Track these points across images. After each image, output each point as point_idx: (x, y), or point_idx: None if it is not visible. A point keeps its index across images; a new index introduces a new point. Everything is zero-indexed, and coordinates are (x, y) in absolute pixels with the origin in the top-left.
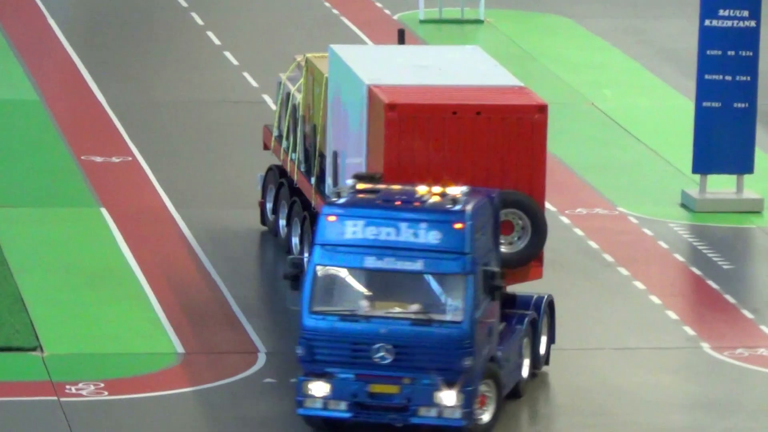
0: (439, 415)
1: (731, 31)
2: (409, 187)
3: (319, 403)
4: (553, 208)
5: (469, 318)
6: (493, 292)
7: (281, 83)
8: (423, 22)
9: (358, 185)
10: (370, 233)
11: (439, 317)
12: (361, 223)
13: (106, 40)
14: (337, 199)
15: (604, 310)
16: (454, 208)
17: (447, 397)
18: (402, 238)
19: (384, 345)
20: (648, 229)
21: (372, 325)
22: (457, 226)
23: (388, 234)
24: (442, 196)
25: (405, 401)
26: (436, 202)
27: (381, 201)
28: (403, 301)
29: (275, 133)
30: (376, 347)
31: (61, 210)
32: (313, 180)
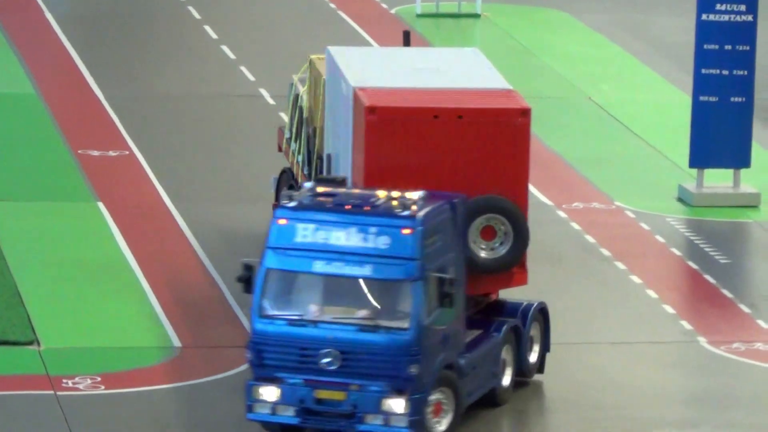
0: (385, 423)
1: (728, 25)
2: (367, 192)
3: (268, 408)
4: (550, 203)
5: (416, 325)
6: (444, 299)
7: (293, 84)
8: (420, 16)
9: (318, 188)
10: (320, 237)
11: (385, 323)
12: (311, 227)
13: (104, 35)
14: (288, 203)
15: (601, 304)
16: (403, 213)
17: (394, 404)
18: (351, 242)
19: (331, 351)
20: (645, 224)
21: (319, 330)
22: (406, 231)
23: (338, 238)
24: (397, 201)
25: (351, 408)
26: (387, 207)
27: (332, 205)
28: (352, 306)
29: (286, 134)
30: (322, 353)
31: (58, 204)
32: None
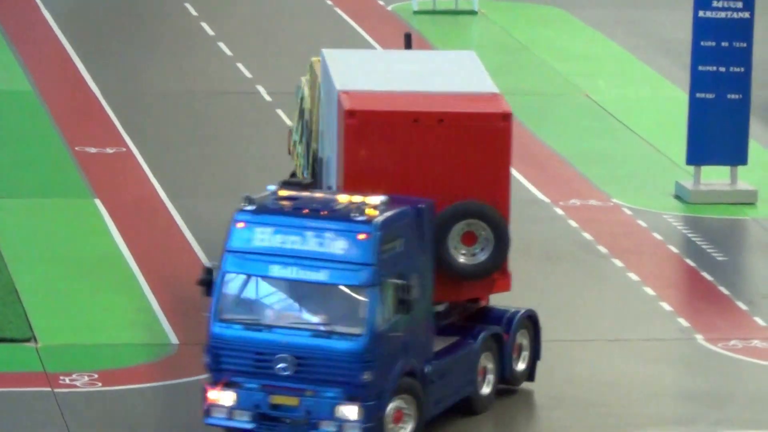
0: (339, 430)
1: (725, 22)
2: (330, 196)
3: (224, 413)
4: (547, 200)
5: (370, 331)
6: (401, 305)
7: (300, 86)
8: (417, 12)
9: (280, 192)
10: (277, 241)
11: (339, 329)
12: (269, 231)
13: (100, 31)
14: (247, 206)
15: (598, 301)
16: (359, 218)
17: (347, 411)
18: (307, 247)
19: (285, 356)
20: (642, 221)
21: (275, 335)
22: (362, 236)
23: (294, 243)
24: (357, 206)
25: (305, 414)
26: (345, 211)
27: (291, 209)
28: (308, 311)
29: (294, 137)
30: (277, 358)
31: (55, 201)
32: None
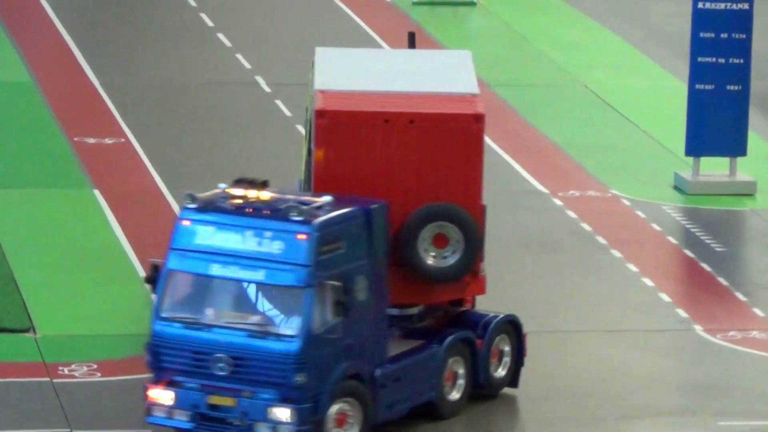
0: None
1: (725, 13)
2: (278, 196)
3: (164, 412)
4: (545, 191)
5: (305, 333)
6: (338, 307)
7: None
8: (416, 4)
9: (229, 190)
10: (218, 240)
11: (275, 330)
12: (211, 229)
13: (100, 22)
14: (191, 204)
15: (596, 292)
16: (298, 218)
17: (281, 413)
18: (247, 246)
19: (222, 356)
20: (641, 212)
21: (212, 334)
22: (300, 237)
23: (235, 242)
24: (301, 206)
25: (241, 415)
26: (286, 211)
27: (234, 207)
28: (247, 311)
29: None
30: (214, 357)
31: (54, 191)
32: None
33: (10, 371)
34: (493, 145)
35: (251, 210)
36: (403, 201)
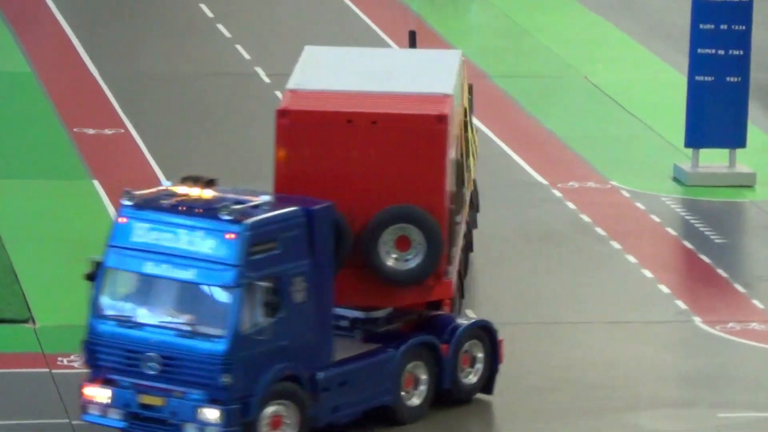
0: None
1: (724, 5)
2: (219, 195)
3: (99, 410)
4: (545, 182)
5: (233, 333)
6: (266, 308)
7: None
8: None
9: (173, 188)
10: (152, 238)
11: (203, 330)
12: (146, 227)
13: (99, 12)
14: (128, 201)
15: (596, 283)
16: (229, 217)
17: (208, 414)
18: (179, 245)
19: (152, 355)
20: (640, 203)
21: (143, 332)
22: (229, 236)
23: (167, 240)
24: (236, 205)
25: (171, 415)
26: (219, 210)
27: (169, 206)
28: (178, 310)
29: None
30: (145, 356)
31: (53, 182)
32: None
33: (9, 362)
34: (493, 137)
35: (185, 208)
36: (365, 202)
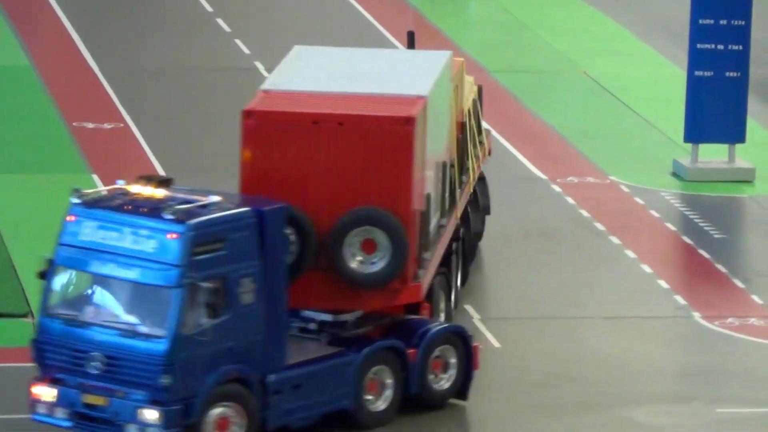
0: None
1: (724, 0)
2: (169, 193)
3: (46, 409)
4: (544, 177)
5: (173, 334)
6: (207, 309)
7: None
8: None
9: (126, 186)
10: (99, 237)
11: (144, 330)
12: (93, 226)
13: (99, 6)
14: (77, 200)
15: (595, 278)
16: (172, 217)
17: (148, 414)
18: (124, 244)
19: (96, 354)
20: (640, 198)
21: (87, 332)
22: (171, 236)
23: (113, 239)
24: (183, 205)
25: (113, 415)
26: (163, 210)
27: (116, 205)
28: (123, 309)
29: None
30: (89, 356)
31: (52, 176)
32: None
33: (7, 356)
34: (492, 131)
35: (131, 208)
36: (332, 204)
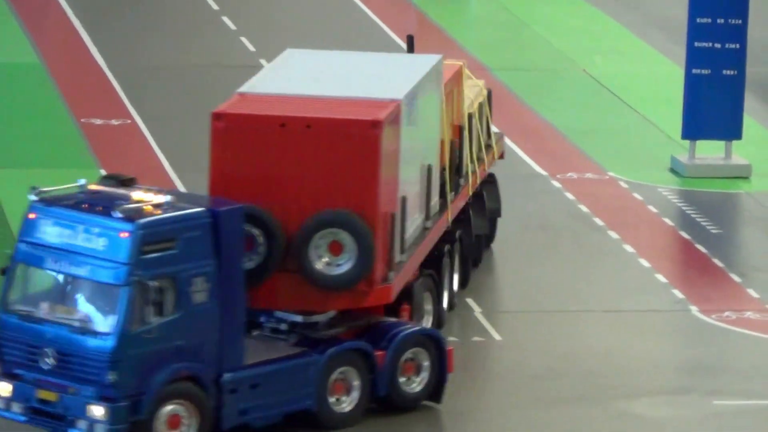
0: (89, 429)
1: None
2: (126, 192)
3: (3, 404)
4: (544, 173)
5: (120, 331)
6: (153, 308)
7: None
8: None
9: (90, 185)
10: (55, 234)
11: (92, 327)
12: (49, 223)
13: (107, 4)
14: (36, 197)
15: (594, 272)
16: (122, 216)
17: (96, 411)
18: (77, 241)
19: (48, 350)
20: (638, 194)
21: (42, 328)
22: (122, 235)
23: (68, 237)
24: (136, 204)
25: (64, 411)
26: (115, 209)
27: (72, 203)
28: (74, 306)
29: None
30: (42, 352)
31: (60, 172)
32: None
33: None
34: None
35: (86, 206)
36: (299, 206)
